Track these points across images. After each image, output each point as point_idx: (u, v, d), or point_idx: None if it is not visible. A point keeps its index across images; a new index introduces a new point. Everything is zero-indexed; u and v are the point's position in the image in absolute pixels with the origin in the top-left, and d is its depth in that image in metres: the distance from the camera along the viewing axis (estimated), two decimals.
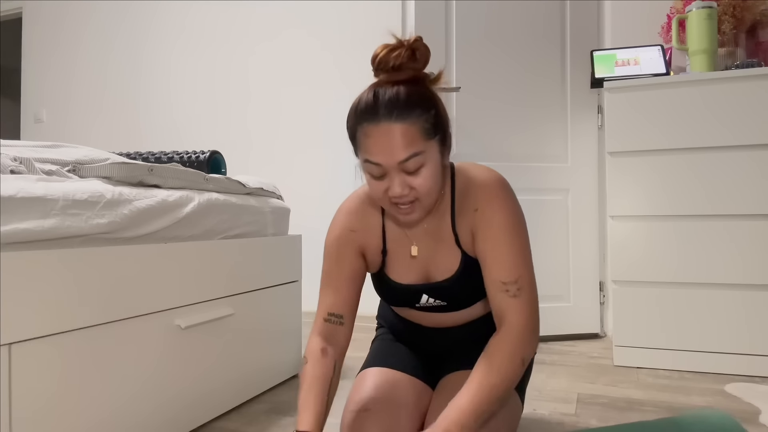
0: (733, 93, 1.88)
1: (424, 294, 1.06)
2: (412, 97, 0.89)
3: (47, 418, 1.00)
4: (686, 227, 1.93)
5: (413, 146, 0.88)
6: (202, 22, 3.47)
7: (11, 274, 0.94)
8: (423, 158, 0.90)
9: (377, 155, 0.89)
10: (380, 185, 0.93)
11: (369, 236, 1.08)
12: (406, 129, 0.87)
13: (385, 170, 0.90)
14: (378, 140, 0.88)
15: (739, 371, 1.87)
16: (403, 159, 0.88)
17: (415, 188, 0.91)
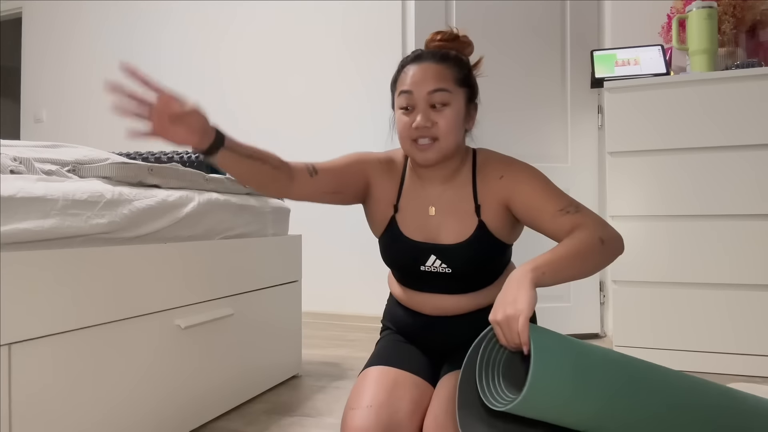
0: (733, 93, 1.88)
1: (432, 254, 1.08)
2: (452, 54, 1.07)
3: (47, 418, 1.00)
4: (686, 227, 1.93)
5: (444, 82, 1.02)
6: (202, 21, 3.47)
7: (11, 274, 0.94)
8: (449, 97, 1.03)
9: (411, 84, 1.03)
10: (408, 120, 1.04)
11: (386, 184, 1.15)
12: (441, 68, 1.03)
13: (415, 101, 1.03)
14: (415, 73, 1.04)
15: (739, 371, 1.87)
16: (432, 89, 1.02)
17: (437, 124, 1.02)
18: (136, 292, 1.20)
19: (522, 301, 0.82)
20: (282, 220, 1.87)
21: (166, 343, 1.30)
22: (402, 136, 1.06)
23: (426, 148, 1.04)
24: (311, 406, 1.60)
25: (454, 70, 1.05)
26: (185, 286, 1.36)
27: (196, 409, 1.40)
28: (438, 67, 1.04)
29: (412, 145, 1.05)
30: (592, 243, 0.93)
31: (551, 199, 1.02)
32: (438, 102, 1.02)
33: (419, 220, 1.11)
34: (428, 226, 1.10)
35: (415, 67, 1.05)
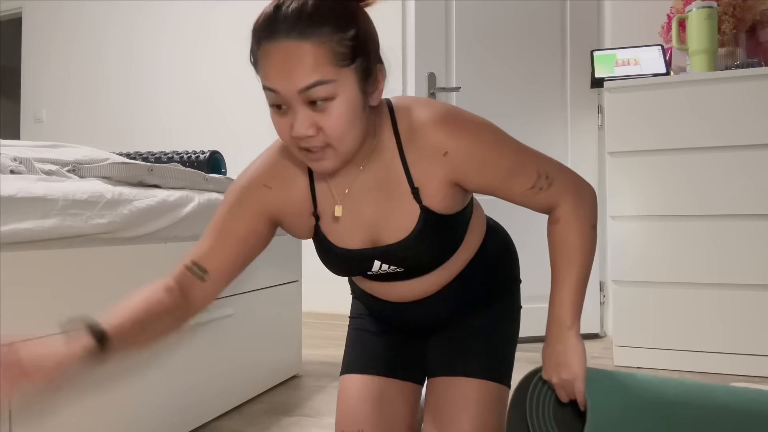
0: (733, 93, 1.88)
1: (375, 260, 0.89)
2: (322, 10, 0.71)
3: (47, 418, 1.00)
4: (686, 227, 1.93)
5: (318, 72, 0.70)
6: (201, 21, 3.47)
7: (11, 274, 0.94)
8: (332, 89, 0.72)
9: (274, 80, 0.72)
10: (284, 122, 0.75)
11: (291, 197, 0.90)
12: (309, 50, 0.70)
13: (285, 100, 0.73)
14: (275, 61, 0.72)
15: (739, 371, 1.86)
16: (303, 87, 0.71)
17: (323, 129, 0.73)
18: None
19: (575, 364, 0.82)
20: None
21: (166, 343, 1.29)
22: (284, 141, 0.79)
23: (319, 158, 0.76)
24: (311, 406, 1.60)
25: (329, 43, 0.71)
26: None
27: (196, 409, 1.40)
28: (304, 48, 0.70)
29: (302, 154, 0.78)
30: (589, 243, 0.87)
31: (517, 175, 0.83)
32: (318, 100, 0.72)
33: (349, 221, 0.89)
34: (360, 228, 0.89)
35: (273, 49, 0.71)
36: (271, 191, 0.89)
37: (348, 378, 1.05)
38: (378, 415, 0.98)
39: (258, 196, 0.89)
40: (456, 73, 2.41)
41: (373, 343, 1.09)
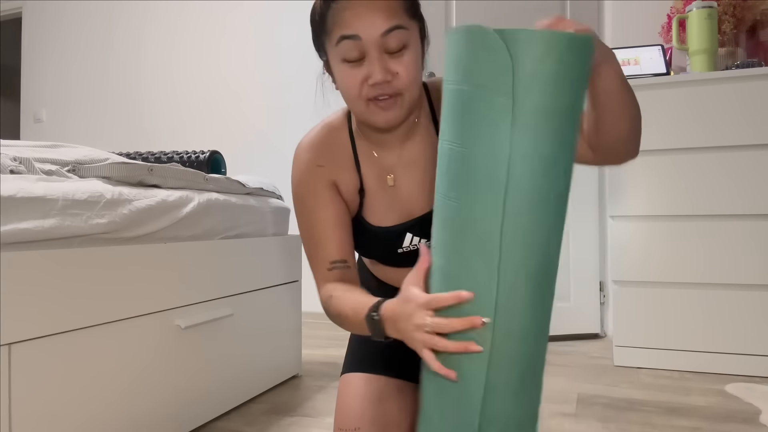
0: (733, 93, 1.88)
1: (407, 233, 0.93)
2: None
3: (47, 418, 1.00)
4: (686, 227, 1.93)
5: (397, 17, 0.78)
6: (201, 21, 3.47)
7: (11, 274, 0.94)
8: (407, 36, 0.79)
9: (357, 27, 0.77)
10: (356, 74, 0.80)
11: (341, 171, 0.92)
12: (389, 2, 0.78)
13: (364, 49, 0.78)
14: (357, 10, 0.77)
15: (739, 371, 1.87)
16: (387, 29, 0.77)
17: (399, 74, 0.79)
18: (136, 292, 1.20)
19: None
20: (282, 220, 1.87)
21: (166, 343, 1.30)
22: (351, 97, 0.83)
23: (389, 106, 0.81)
24: (311, 406, 1.60)
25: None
26: (185, 286, 1.36)
27: (196, 409, 1.40)
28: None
29: (369, 106, 0.82)
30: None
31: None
32: (395, 45, 0.78)
33: (385, 200, 0.93)
34: (396, 204, 0.93)
35: (354, 2, 0.78)
36: (325, 169, 0.92)
37: (348, 377, 1.06)
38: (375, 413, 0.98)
39: (319, 176, 0.92)
40: None
41: (375, 343, 1.09)
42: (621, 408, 1.56)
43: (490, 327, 0.64)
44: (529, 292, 0.65)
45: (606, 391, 1.72)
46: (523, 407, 0.70)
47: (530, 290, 0.65)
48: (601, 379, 1.85)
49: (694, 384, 1.78)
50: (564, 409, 1.55)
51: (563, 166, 0.64)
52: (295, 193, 0.94)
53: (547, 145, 0.62)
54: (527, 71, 0.60)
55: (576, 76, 0.63)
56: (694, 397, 1.65)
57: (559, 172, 0.64)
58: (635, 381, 1.82)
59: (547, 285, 0.67)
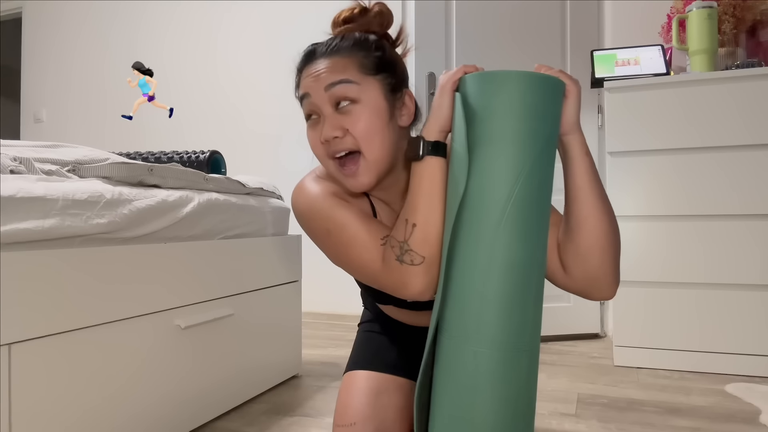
0: (733, 93, 1.88)
1: None
2: (353, 39, 0.85)
3: (47, 418, 1.00)
4: (686, 227, 1.93)
5: (344, 73, 0.81)
6: (201, 21, 3.47)
7: (11, 274, 0.94)
8: (357, 91, 0.81)
9: (308, 86, 0.83)
10: (316, 133, 0.83)
11: (359, 205, 0.91)
12: (338, 60, 0.82)
13: (316, 106, 0.82)
14: (310, 74, 0.84)
15: (739, 371, 1.87)
16: (330, 83, 0.81)
17: (349, 131, 0.80)
18: (136, 292, 1.20)
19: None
20: (282, 220, 1.87)
21: (166, 343, 1.30)
22: (320, 157, 0.85)
23: (353, 172, 0.82)
24: (311, 406, 1.60)
25: (356, 57, 0.83)
26: (185, 286, 1.36)
27: (196, 409, 1.40)
28: (334, 59, 0.83)
29: (336, 168, 0.84)
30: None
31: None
32: (341, 98, 0.81)
33: None
34: None
35: (310, 67, 0.84)
36: (342, 197, 0.89)
37: (349, 374, 1.07)
38: (372, 408, 0.98)
39: (337, 197, 0.88)
40: None
41: (378, 341, 1.12)
42: (621, 408, 1.56)
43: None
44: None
45: (606, 391, 1.72)
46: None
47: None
48: (601, 379, 1.85)
49: (694, 384, 1.78)
50: (564, 409, 1.55)
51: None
52: (307, 211, 0.88)
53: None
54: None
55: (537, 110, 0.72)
56: (694, 397, 1.65)
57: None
58: (635, 381, 1.82)
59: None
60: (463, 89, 0.74)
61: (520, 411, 0.71)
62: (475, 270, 0.70)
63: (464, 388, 0.71)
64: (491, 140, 0.70)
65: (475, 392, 0.70)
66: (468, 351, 0.70)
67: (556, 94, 0.73)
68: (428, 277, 0.76)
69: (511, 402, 0.71)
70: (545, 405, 1.59)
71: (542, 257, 0.73)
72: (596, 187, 0.77)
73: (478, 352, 0.70)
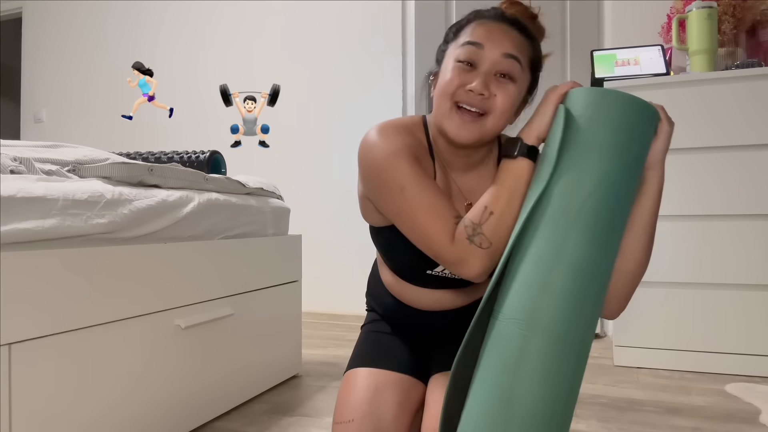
0: (733, 93, 1.88)
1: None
2: (531, 30, 0.91)
3: (47, 418, 1.00)
4: (686, 227, 1.93)
5: (521, 53, 0.87)
6: (201, 21, 3.47)
7: (11, 274, 0.94)
8: (518, 72, 0.87)
9: (485, 39, 0.86)
10: (460, 76, 0.86)
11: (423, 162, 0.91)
12: (522, 40, 0.88)
13: (481, 59, 0.86)
14: (493, 30, 0.87)
15: (739, 371, 1.87)
16: (507, 53, 0.85)
17: (495, 97, 0.85)
18: (136, 292, 1.20)
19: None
20: (282, 220, 1.87)
21: (166, 343, 1.30)
22: (446, 92, 0.86)
23: (470, 120, 0.86)
24: (311, 406, 1.60)
25: (531, 48, 0.90)
26: (185, 286, 1.36)
27: (196, 409, 1.40)
28: (519, 36, 0.88)
29: (453, 110, 0.86)
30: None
31: None
32: (506, 71, 0.86)
33: None
34: None
35: (494, 25, 0.88)
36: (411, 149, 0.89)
37: (349, 372, 1.07)
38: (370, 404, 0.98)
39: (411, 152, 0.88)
40: None
41: (381, 340, 1.12)
42: (621, 408, 1.56)
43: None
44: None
45: (606, 391, 1.72)
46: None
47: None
48: (600, 378, 1.85)
49: (694, 384, 1.78)
50: None
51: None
52: (386, 166, 0.87)
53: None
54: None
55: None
56: (694, 397, 1.65)
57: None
58: (635, 381, 1.82)
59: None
60: (568, 101, 0.80)
61: (558, 407, 0.72)
62: (540, 262, 0.73)
63: (508, 367, 0.72)
64: (580, 146, 0.75)
65: (518, 373, 0.72)
66: (519, 333, 0.72)
67: (651, 120, 0.81)
68: (489, 262, 0.81)
69: (552, 394, 0.72)
70: None
71: (607, 266, 0.76)
72: (653, 224, 0.84)
73: (528, 336, 0.72)
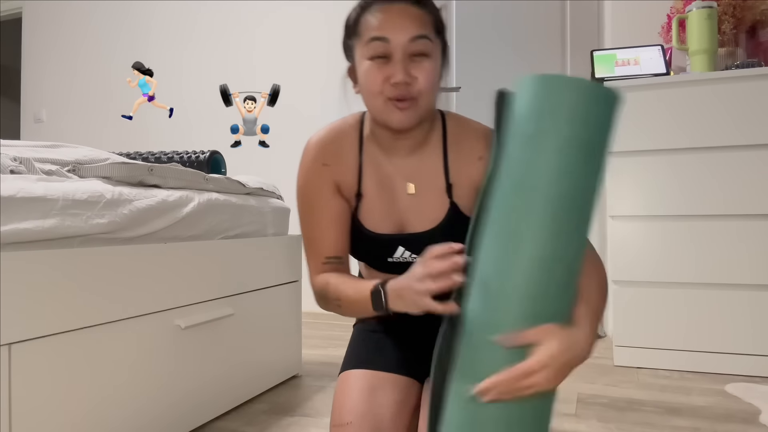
0: (733, 93, 1.88)
1: (399, 246, 0.96)
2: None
3: (47, 418, 1.00)
4: (686, 227, 1.93)
5: (425, 29, 0.87)
6: (200, 21, 3.47)
7: (11, 274, 0.94)
8: (430, 47, 0.87)
9: (388, 30, 0.85)
10: (380, 72, 0.86)
11: (344, 173, 0.97)
12: (421, 13, 0.87)
13: (391, 51, 0.85)
14: (391, 16, 0.86)
15: (739, 371, 1.87)
16: (415, 36, 0.85)
17: (417, 79, 0.86)
18: (136, 292, 1.20)
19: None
20: (282, 220, 1.87)
21: (166, 343, 1.30)
22: (372, 93, 0.88)
23: (406, 108, 0.87)
24: (311, 406, 1.60)
25: (432, 15, 0.89)
26: (185, 286, 1.36)
27: (196, 409, 1.40)
28: (417, 11, 0.87)
29: (387, 105, 0.87)
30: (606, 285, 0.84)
31: None
32: (419, 51, 0.86)
33: (385, 204, 0.96)
34: (396, 210, 0.96)
35: (389, 9, 0.86)
36: (329, 168, 0.97)
37: (344, 374, 1.06)
38: (367, 406, 0.97)
39: (323, 175, 0.97)
40: (456, 73, 2.41)
41: (375, 340, 1.10)
42: (621, 408, 1.56)
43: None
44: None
45: (606, 391, 1.72)
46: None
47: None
48: (601, 379, 1.85)
49: (694, 384, 1.78)
50: (564, 409, 1.55)
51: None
52: (299, 188, 0.99)
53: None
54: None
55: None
56: (694, 397, 1.65)
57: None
58: (635, 381, 1.82)
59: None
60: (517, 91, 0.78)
61: (527, 412, 0.74)
62: (502, 258, 0.71)
63: (477, 376, 0.73)
64: (531, 138, 0.71)
65: (491, 360, 0.73)
66: (483, 340, 0.74)
67: (609, 103, 0.71)
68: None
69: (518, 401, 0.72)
70: None
71: (571, 255, 0.72)
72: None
73: (491, 345, 0.73)
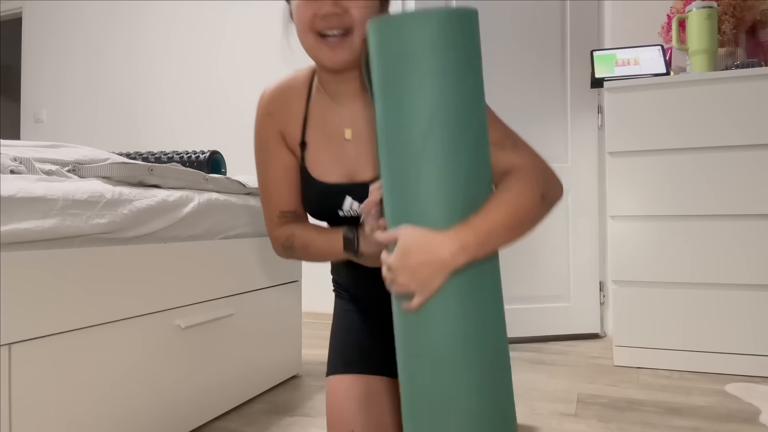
0: (733, 93, 1.88)
1: (347, 196, 0.93)
2: None
3: (47, 418, 1.00)
4: (686, 227, 1.93)
5: None
6: (200, 20, 3.47)
7: (11, 274, 0.94)
8: None
9: None
10: (309, 7, 0.81)
11: (287, 122, 0.95)
12: None
13: None
14: None
15: (739, 371, 1.87)
16: None
17: (349, 12, 0.80)
18: (136, 292, 1.20)
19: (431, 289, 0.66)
20: None
21: (166, 343, 1.30)
22: (303, 30, 0.84)
23: (336, 44, 0.82)
24: (311, 406, 1.60)
25: None
26: (185, 286, 1.36)
27: (196, 409, 1.40)
28: None
29: (317, 41, 0.83)
30: (533, 202, 0.74)
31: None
32: None
33: (332, 152, 0.93)
34: (343, 158, 0.93)
35: None
36: (273, 118, 0.95)
37: (333, 379, 1.03)
38: (367, 415, 0.97)
39: (269, 126, 0.96)
40: None
41: (358, 339, 1.06)
42: (621, 408, 1.56)
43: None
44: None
45: (606, 391, 1.72)
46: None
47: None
48: (601, 379, 1.85)
49: (694, 384, 1.78)
50: (564, 409, 1.55)
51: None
52: (254, 140, 0.99)
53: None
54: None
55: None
56: (694, 397, 1.65)
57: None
58: (635, 381, 1.82)
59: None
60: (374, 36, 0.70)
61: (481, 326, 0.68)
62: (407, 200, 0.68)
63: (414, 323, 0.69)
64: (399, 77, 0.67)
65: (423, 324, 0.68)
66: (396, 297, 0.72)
67: (466, 24, 0.67)
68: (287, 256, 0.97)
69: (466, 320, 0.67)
70: (545, 405, 1.59)
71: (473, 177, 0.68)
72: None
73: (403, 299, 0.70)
